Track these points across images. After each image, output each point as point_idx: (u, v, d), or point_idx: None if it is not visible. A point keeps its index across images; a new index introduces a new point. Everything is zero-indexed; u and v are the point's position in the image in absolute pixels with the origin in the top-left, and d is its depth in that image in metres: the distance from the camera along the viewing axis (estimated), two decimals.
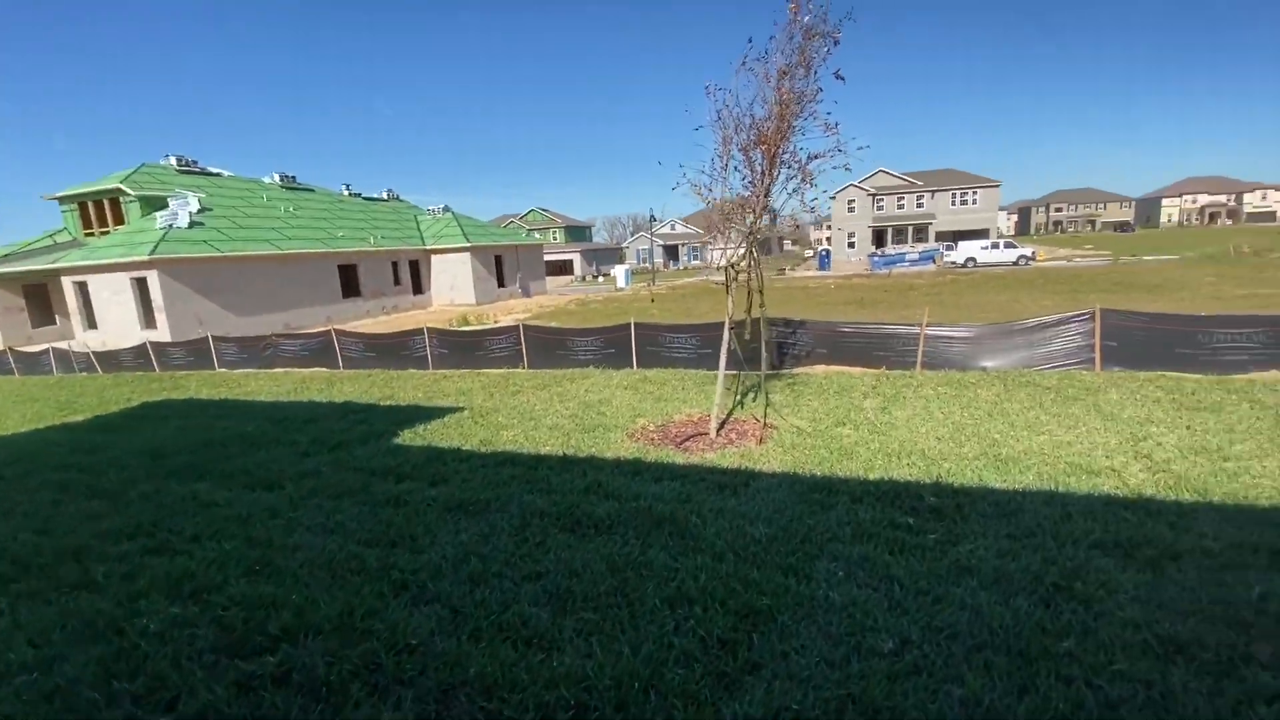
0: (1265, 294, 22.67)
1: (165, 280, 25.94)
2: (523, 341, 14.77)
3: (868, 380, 11.01)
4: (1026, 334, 11.23)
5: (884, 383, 10.80)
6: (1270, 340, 10.02)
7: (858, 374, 11.60)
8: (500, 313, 34.76)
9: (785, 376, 11.81)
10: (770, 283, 41.72)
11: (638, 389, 11.51)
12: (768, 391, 10.69)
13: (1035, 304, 24.34)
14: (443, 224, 42.69)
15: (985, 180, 65.74)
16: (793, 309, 27.65)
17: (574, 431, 8.89)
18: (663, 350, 13.47)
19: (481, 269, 40.87)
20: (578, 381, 12.52)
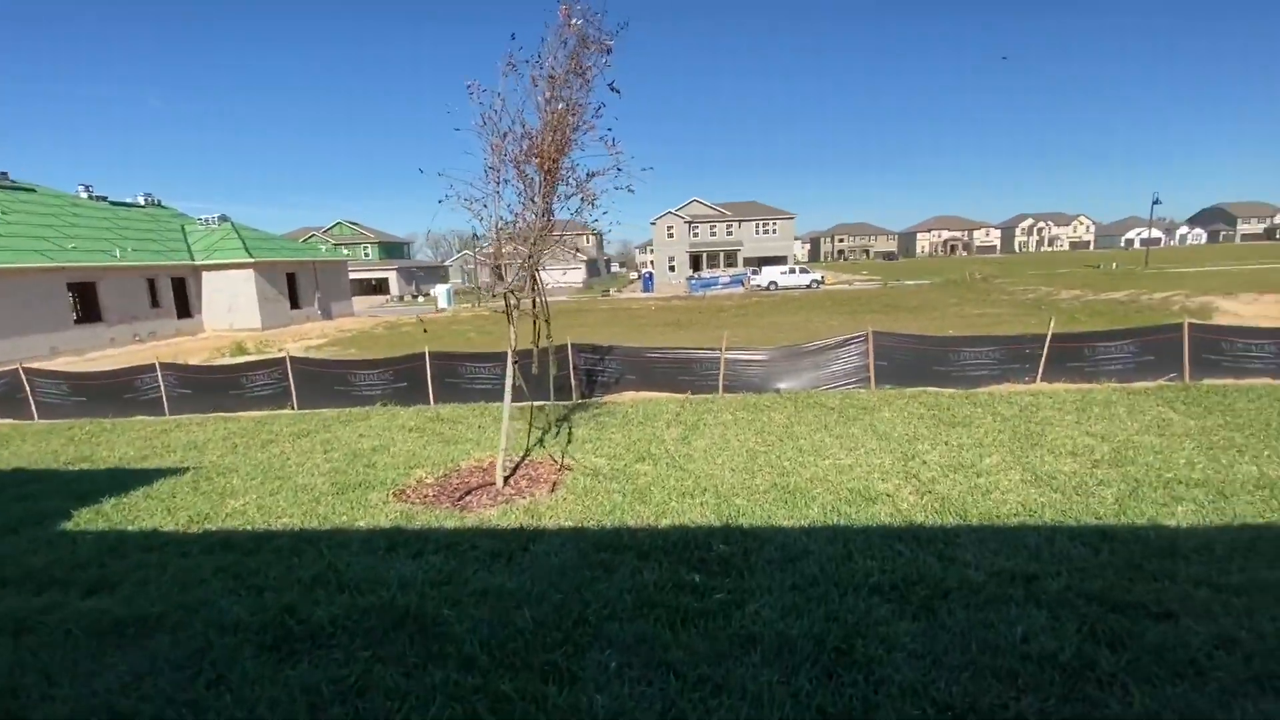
0: (994, 312, 27.21)
1: None
2: (290, 377, 12.48)
3: (672, 407, 10.71)
4: (813, 356, 11.77)
5: (687, 409, 10.57)
6: (1002, 356, 11.46)
7: (664, 400, 11.31)
8: (291, 339, 30.41)
9: (592, 406, 11.14)
10: (595, 304, 41.67)
11: (425, 430, 10.07)
12: (572, 425, 9.90)
13: (824, 324, 26.79)
14: (218, 236, 36.62)
15: (783, 213, 72.81)
16: (615, 330, 27.67)
17: (326, 494, 7.28)
18: (463, 382, 12.14)
19: (269, 288, 35.67)
20: (354, 424, 10.71)
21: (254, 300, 34.79)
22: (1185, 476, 6.67)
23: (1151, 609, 4.20)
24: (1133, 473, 6.86)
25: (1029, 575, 4.68)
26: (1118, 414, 9.11)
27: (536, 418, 10.40)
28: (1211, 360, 11.22)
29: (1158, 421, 8.65)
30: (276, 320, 35.93)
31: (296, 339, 29.76)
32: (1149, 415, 8.98)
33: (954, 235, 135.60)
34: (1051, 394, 10.49)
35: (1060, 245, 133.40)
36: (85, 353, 27.53)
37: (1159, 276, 38.86)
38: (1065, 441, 8.00)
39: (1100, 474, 6.87)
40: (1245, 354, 11.22)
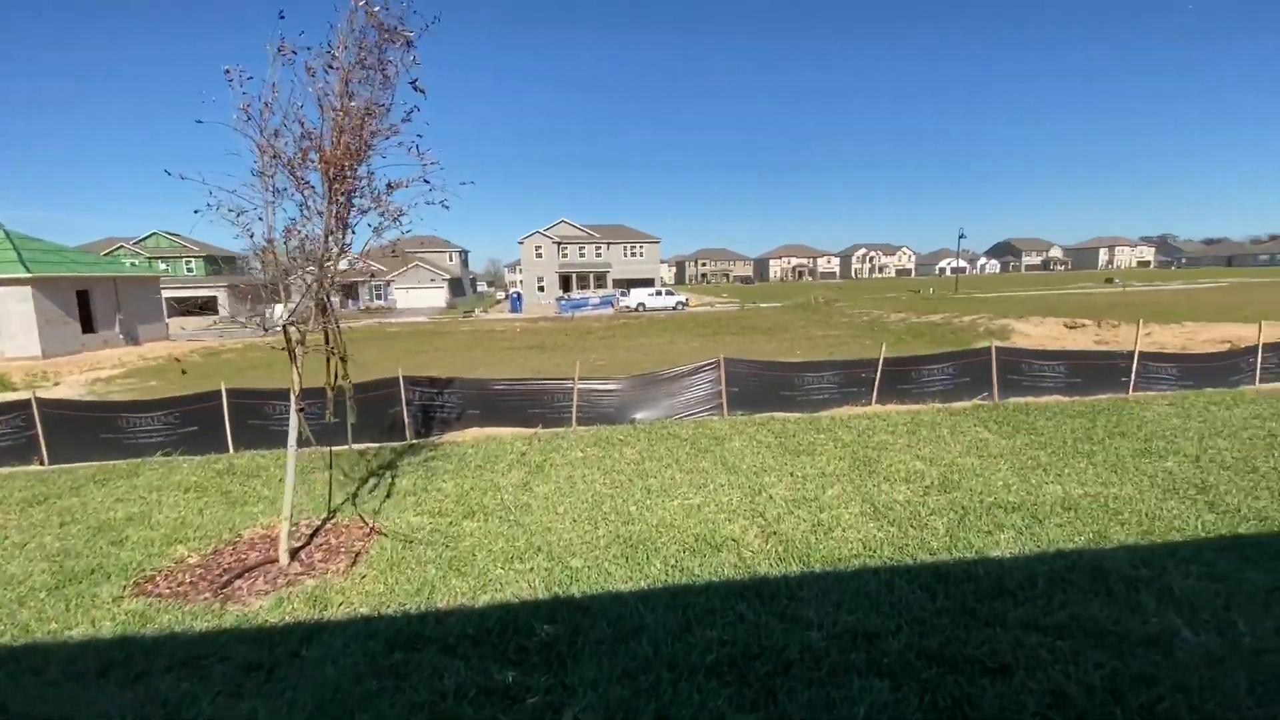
0: (835, 334, 29.18)
1: None
2: (38, 424, 9.88)
3: (519, 445, 9.74)
4: (668, 384, 11.39)
5: (535, 447, 9.66)
6: (842, 380, 11.81)
7: (510, 437, 10.30)
8: (77, 369, 25.35)
9: (426, 449, 9.85)
10: (456, 326, 39.15)
11: (208, 489, 8.23)
12: (397, 473, 8.60)
13: (686, 345, 27.14)
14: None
15: (649, 236, 74.41)
16: (474, 355, 26.03)
17: (40, 590, 5.47)
18: (271, 424, 10.27)
19: (52, 308, 29.69)
20: (115, 484, 8.55)
21: (31, 322, 28.78)
22: (1004, 500, 6.90)
23: (988, 663, 3.97)
24: (959, 499, 7.00)
25: (870, 633, 4.33)
26: (942, 436, 9.54)
27: (357, 466, 8.97)
28: (1014, 380, 12.34)
29: (976, 443, 9.13)
30: (63, 346, 30.01)
31: (86, 369, 24.90)
32: (968, 436, 9.50)
33: (801, 261, 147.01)
34: (885, 416, 10.89)
35: (888, 272, 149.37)
36: None
37: (966, 300, 44.22)
38: (899, 467, 8.13)
39: (931, 502, 6.94)
40: (1040, 374, 12.48)
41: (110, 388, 19.64)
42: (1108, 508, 6.62)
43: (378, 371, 22.03)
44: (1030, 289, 60.28)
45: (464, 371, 20.83)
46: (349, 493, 7.85)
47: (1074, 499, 6.89)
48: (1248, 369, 13.23)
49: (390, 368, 23.46)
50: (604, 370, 20.26)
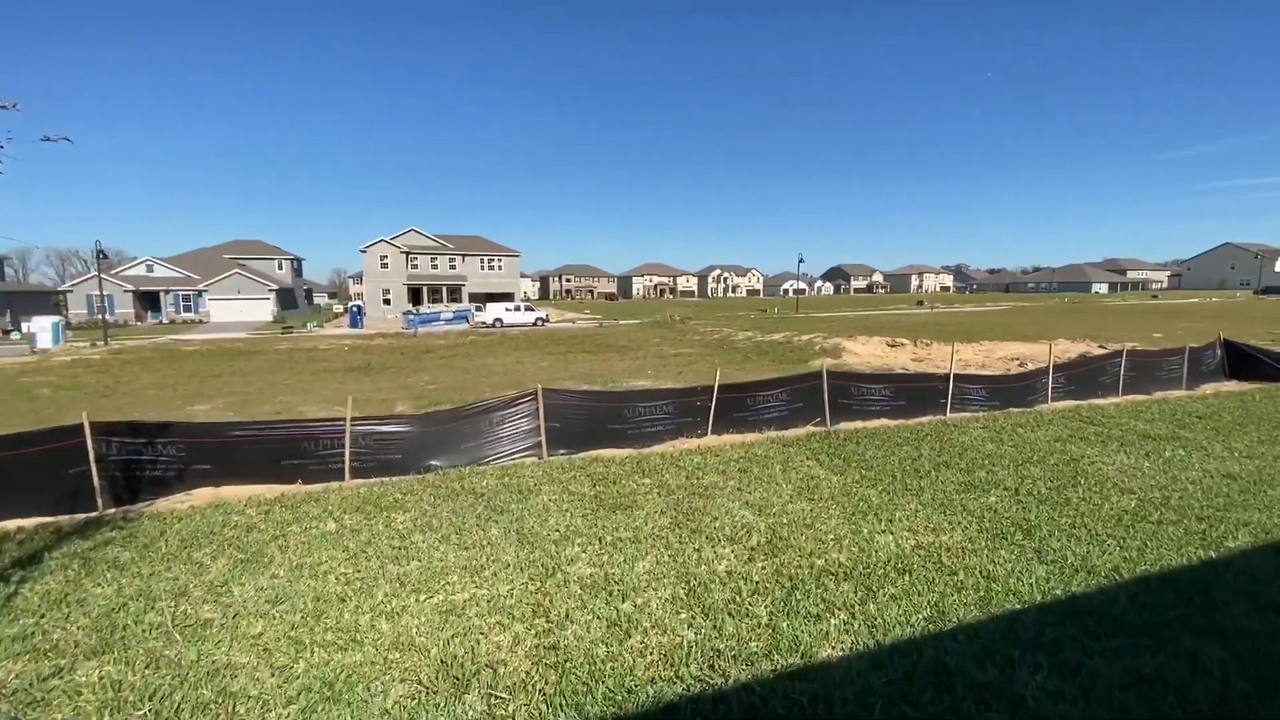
0: (687, 352, 28.77)
1: None
2: None
3: (252, 514, 7.20)
4: (475, 420, 9.38)
5: (274, 513, 7.19)
6: (675, 410, 10.56)
7: (247, 500, 7.68)
8: None
9: (112, 524, 6.97)
10: (272, 344, 33.52)
11: None
12: (37, 573, 5.78)
13: (534, 365, 25.13)
14: None
15: (508, 250, 71.37)
16: (280, 378, 21.89)
17: None
18: None
19: None
20: None
21: None
22: (835, 562, 5.79)
23: None
24: (787, 563, 5.78)
25: None
26: (774, 475, 8.50)
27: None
28: (845, 405, 11.89)
29: (808, 482, 8.17)
30: None
31: None
32: (800, 473, 8.55)
33: (662, 280, 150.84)
34: (719, 450, 9.75)
35: (740, 292, 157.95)
36: None
37: (805, 320, 46.69)
38: (725, 520, 6.85)
39: (756, 572, 5.64)
40: (868, 397, 12.17)
41: None
42: (942, 565, 5.73)
43: (152, 405, 17.58)
44: (858, 309, 65.69)
45: (255, 400, 17.20)
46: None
47: (907, 554, 5.94)
48: (1041, 389, 14.02)
49: (167, 398, 18.99)
50: (433, 394, 17.70)
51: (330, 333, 45.86)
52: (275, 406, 16.34)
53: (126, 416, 16.04)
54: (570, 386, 15.42)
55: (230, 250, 67.20)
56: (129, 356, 29.06)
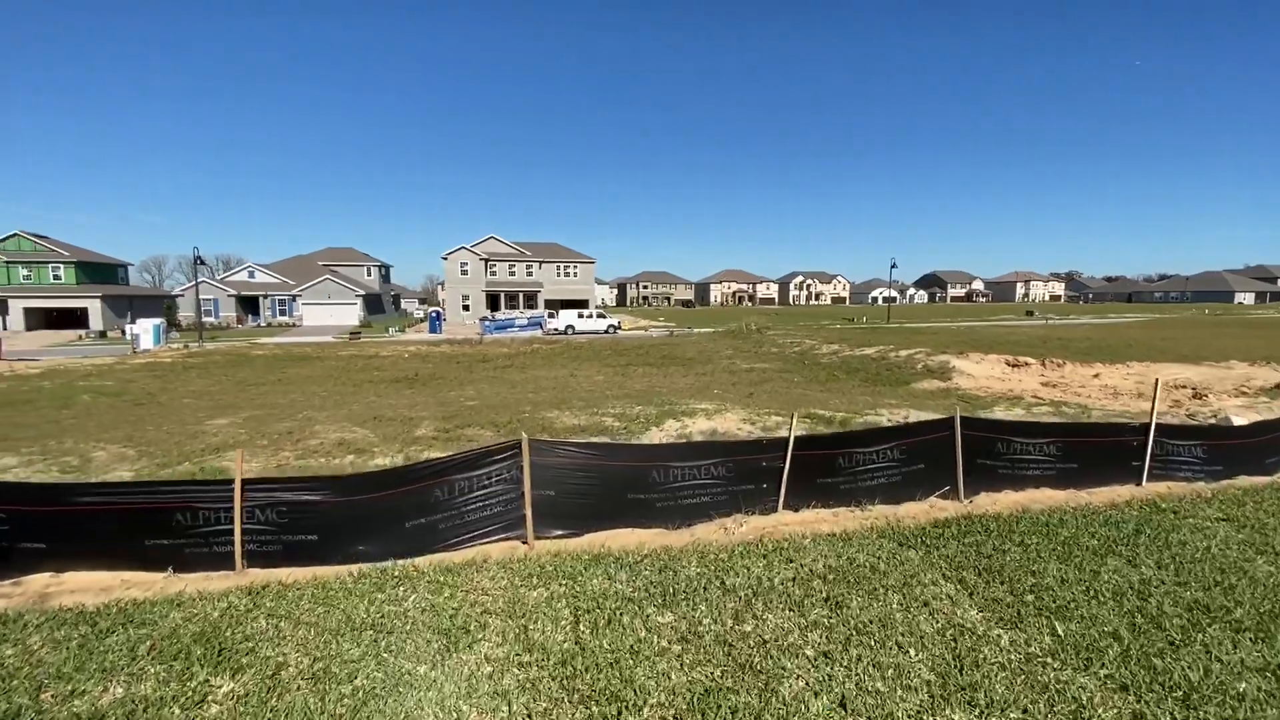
0: (762, 368, 24.96)
1: None
2: None
3: (36, 642, 4.52)
4: (430, 486, 6.37)
5: (73, 648, 4.47)
6: (730, 474, 7.13)
7: (109, 584, 5.07)
8: None
9: None
10: (335, 350, 32.56)
11: None
12: None
13: (588, 379, 22.30)
14: None
15: (583, 257, 69.77)
16: (323, 386, 19.83)
17: None
18: None
19: None
20: None
21: None
22: None
23: None
24: None
25: None
26: (889, 616, 4.87)
27: None
28: (986, 466, 8.00)
29: (954, 644, 4.49)
30: None
31: None
32: (938, 617, 4.87)
33: (741, 287, 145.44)
34: (794, 547, 6.21)
35: (824, 299, 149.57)
36: None
37: (900, 331, 41.24)
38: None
39: None
40: (1022, 456, 8.18)
41: None
42: None
43: (175, 417, 16.08)
44: (959, 319, 58.61)
45: (277, 416, 15.26)
46: None
47: None
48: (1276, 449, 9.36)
49: (195, 409, 17.41)
50: (467, 413, 15.13)
51: (405, 338, 45.49)
52: (294, 424, 14.30)
53: (140, 430, 14.66)
54: (579, 432, 12.32)
55: (324, 257, 69.70)
56: (199, 360, 28.96)
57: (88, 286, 52.72)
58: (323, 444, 12.46)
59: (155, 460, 11.24)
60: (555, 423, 13.98)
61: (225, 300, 59.16)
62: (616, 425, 13.20)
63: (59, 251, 52.81)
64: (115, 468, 10.88)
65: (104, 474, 10.52)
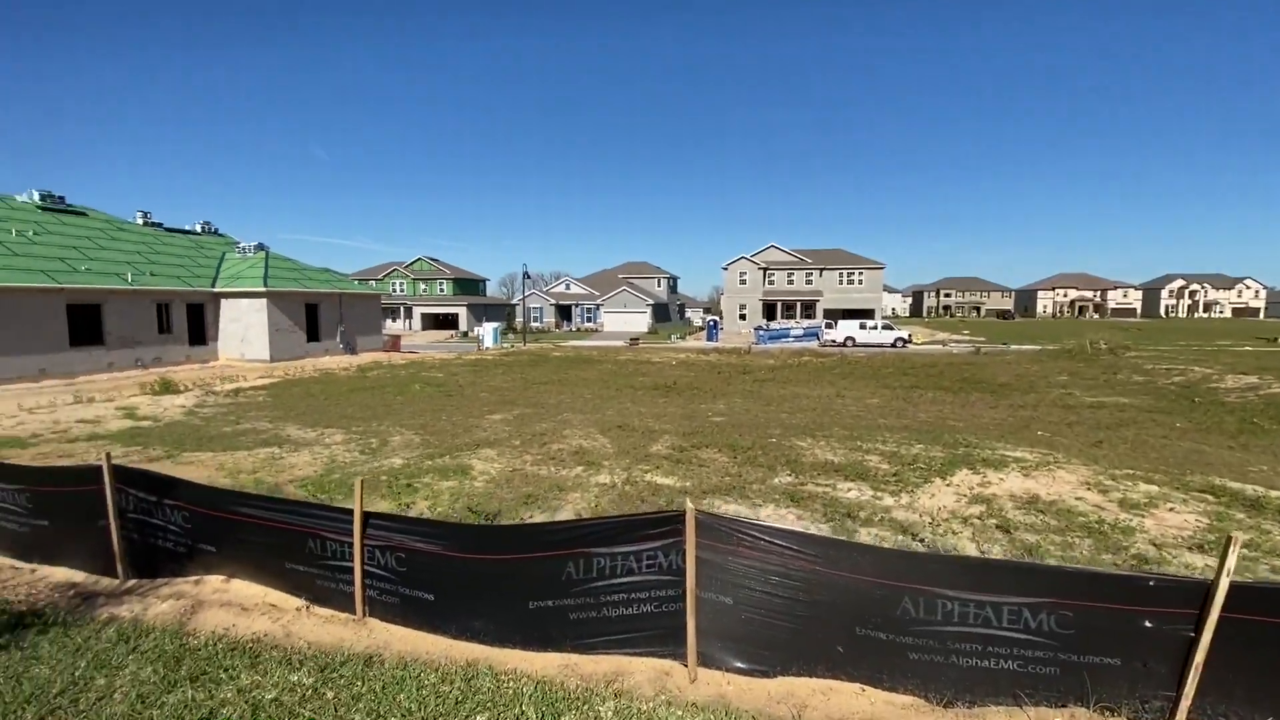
0: (1119, 404, 17.71)
1: None
2: None
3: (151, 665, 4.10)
4: (551, 559, 4.61)
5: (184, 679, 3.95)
6: (1059, 630, 3.74)
7: (235, 615, 4.75)
8: (293, 371, 26.93)
9: (116, 598, 4.77)
10: (614, 354, 34.73)
11: None
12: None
13: (856, 402, 18.67)
14: (247, 264, 34.84)
15: (870, 262, 63.22)
16: (592, 390, 20.46)
17: None
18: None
19: (283, 318, 33.01)
20: None
21: (264, 330, 32.19)
22: None
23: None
24: None
25: None
26: None
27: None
28: None
29: None
30: (289, 353, 33.19)
31: (291, 372, 26.16)
32: None
33: (1082, 294, 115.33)
34: None
35: (1220, 311, 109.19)
36: (77, 375, 25.60)
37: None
38: None
39: None
40: None
41: (238, 398, 19.10)
42: None
43: (451, 410, 17.92)
44: None
45: (539, 417, 15.93)
46: None
47: None
48: None
49: (478, 402, 19.39)
50: (710, 431, 13.58)
51: (682, 345, 46.86)
52: (550, 425, 14.67)
53: (435, 419, 16.66)
54: (830, 471, 9.32)
55: (623, 271, 77.26)
56: (510, 359, 33.75)
57: (460, 297, 67.68)
58: (562, 450, 12.16)
59: (428, 449, 12.23)
60: (803, 455, 11.38)
61: (548, 308, 69.91)
62: (883, 469, 9.99)
63: (444, 270, 69.01)
64: (399, 452, 12.09)
65: (389, 457, 11.76)
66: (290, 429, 14.28)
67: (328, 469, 10.71)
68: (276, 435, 13.54)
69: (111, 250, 30.90)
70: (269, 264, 34.56)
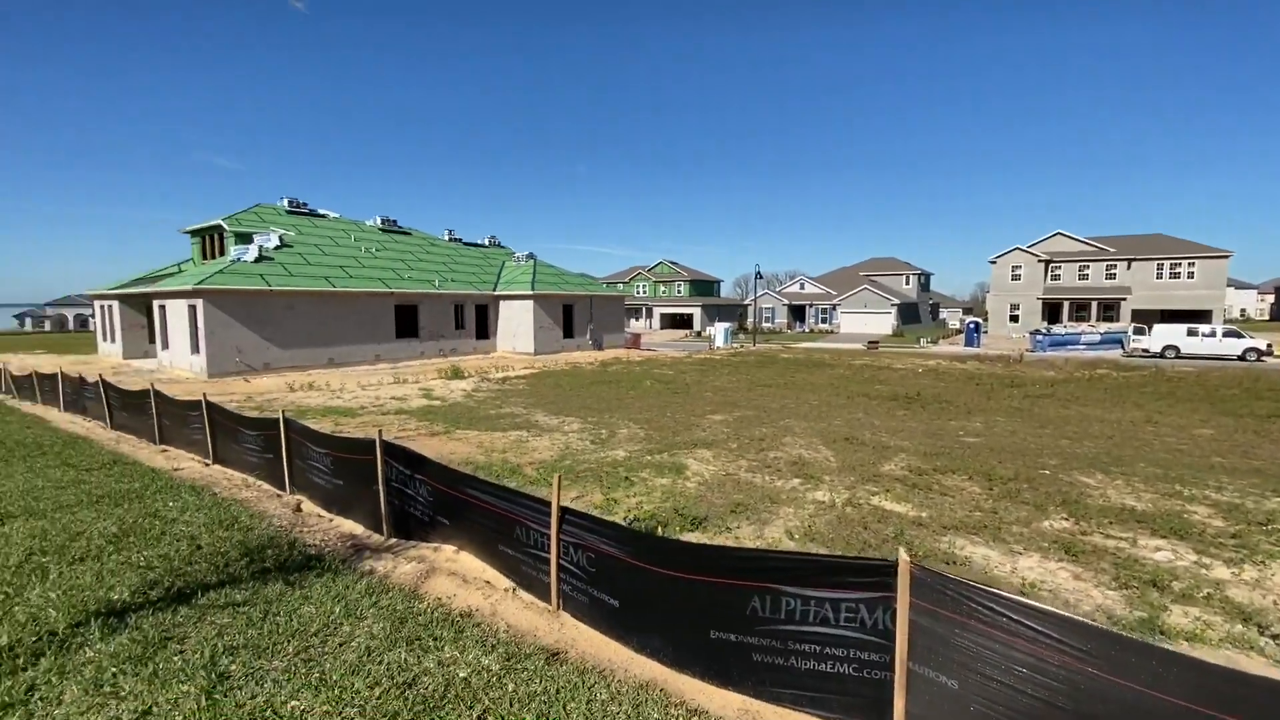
0: None
1: (209, 309, 26.27)
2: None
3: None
4: (752, 586, 3.99)
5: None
6: None
7: (456, 586, 5.34)
8: (549, 363, 31.24)
9: (379, 552, 5.89)
10: (847, 359, 32.39)
11: None
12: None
13: (1181, 433, 14.08)
14: (519, 271, 40.99)
15: (1207, 250, 48.12)
16: (823, 396, 19.32)
17: None
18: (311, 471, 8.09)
19: (545, 317, 38.02)
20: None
21: (530, 327, 37.42)
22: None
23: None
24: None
25: None
26: None
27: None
28: None
29: None
30: (548, 347, 38.07)
31: (548, 365, 30.29)
32: None
33: None
34: None
35: None
36: (399, 361, 33.02)
37: None
38: None
39: None
40: None
41: (507, 385, 22.56)
42: None
43: (674, 408, 18.32)
44: None
45: (760, 420, 15.48)
46: None
47: None
48: None
49: (702, 401, 19.52)
50: (960, 454, 11.63)
51: (931, 350, 41.57)
52: (770, 430, 14.16)
53: (660, 415, 17.27)
54: (1129, 519, 6.98)
55: (865, 268, 71.62)
56: (738, 359, 33.62)
57: (695, 298, 70.10)
58: (779, 459, 11.54)
59: (650, 445, 12.66)
60: (1088, 494, 9.02)
61: (780, 308, 68.38)
62: (1214, 525, 7.37)
63: (681, 273, 72.14)
64: (624, 444, 12.72)
65: (614, 448, 12.46)
66: (539, 415, 16.03)
67: (561, 455, 11.64)
68: (527, 420, 15.28)
69: (426, 262, 38.78)
70: (536, 271, 40.02)
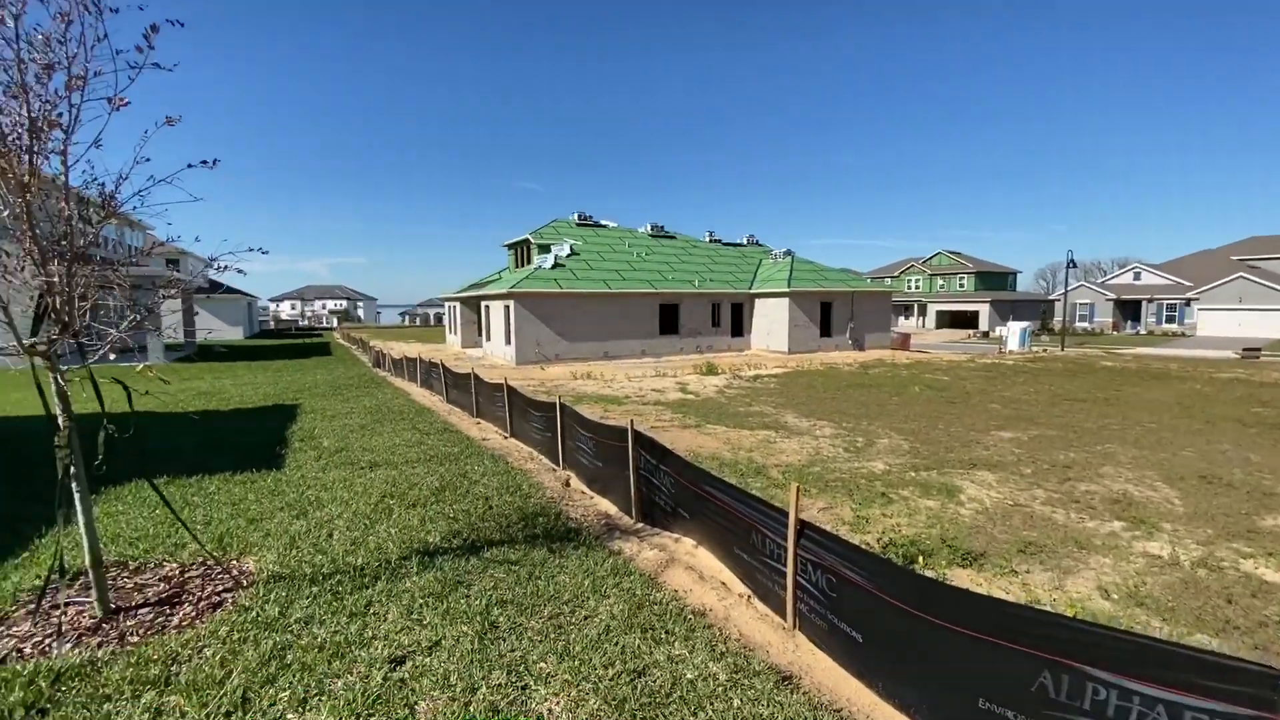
0: None
1: (518, 309, 32.14)
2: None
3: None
4: (1044, 658, 2.99)
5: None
6: None
7: (694, 580, 5.37)
8: (804, 363, 30.65)
9: (629, 535, 6.40)
10: (1207, 370, 25.62)
11: None
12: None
13: None
14: (776, 268, 40.59)
15: None
16: (1122, 415, 14.46)
17: None
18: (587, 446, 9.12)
19: (801, 315, 36.98)
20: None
21: (784, 325, 36.84)
22: None
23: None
24: None
25: None
26: None
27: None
28: None
29: None
30: (803, 345, 37.04)
31: (794, 364, 29.81)
32: None
33: None
34: None
35: None
36: (661, 355, 35.77)
37: None
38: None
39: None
40: None
41: (740, 384, 22.71)
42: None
43: (959, 424, 15.43)
44: None
45: (1064, 443, 12.64)
46: None
47: None
48: None
49: (985, 417, 16.09)
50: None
51: (1172, 352, 28.45)
52: (1080, 455, 11.57)
53: (930, 426, 15.04)
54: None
55: (1240, 250, 52.67)
56: (1038, 366, 27.78)
57: (982, 293, 60.50)
58: (1093, 493, 9.23)
59: (915, 459, 11.30)
60: None
61: (1102, 305, 54.69)
62: None
63: (964, 264, 62.92)
64: (883, 456, 11.60)
65: (871, 459, 11.39)
66: (789, 416, 15.54)
67: (810, 460, 11.04)
68: (776, 420, 14.93)
69: (688, 263, 40.84)
70: (793, 268, 39.06)
